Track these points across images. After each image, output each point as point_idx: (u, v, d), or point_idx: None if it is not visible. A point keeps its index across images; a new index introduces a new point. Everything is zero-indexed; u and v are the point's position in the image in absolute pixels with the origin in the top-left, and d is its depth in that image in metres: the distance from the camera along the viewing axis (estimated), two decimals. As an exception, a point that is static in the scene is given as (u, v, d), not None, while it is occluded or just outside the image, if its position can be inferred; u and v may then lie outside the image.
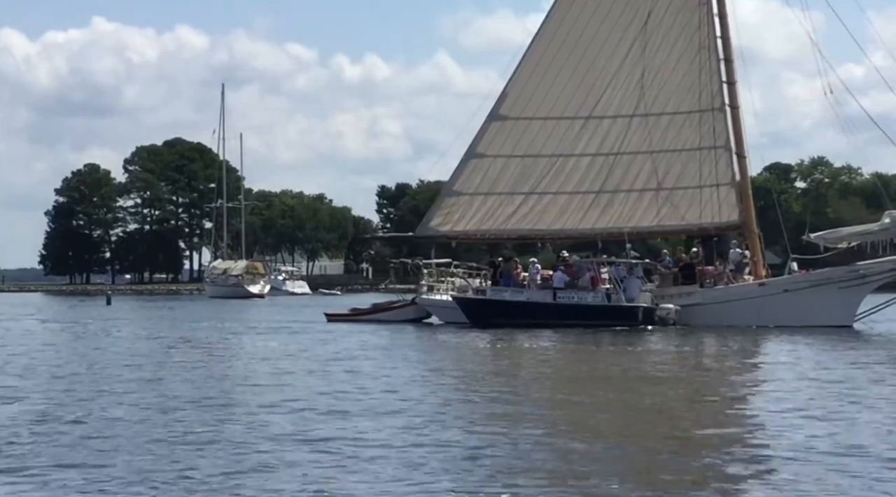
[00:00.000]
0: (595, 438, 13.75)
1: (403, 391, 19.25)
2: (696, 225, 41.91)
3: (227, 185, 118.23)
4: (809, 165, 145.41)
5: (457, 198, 43.87)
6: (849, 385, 19.81)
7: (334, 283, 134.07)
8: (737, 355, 28.87)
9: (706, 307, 39.44)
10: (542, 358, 28.06)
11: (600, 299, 39.76)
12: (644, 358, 28.03)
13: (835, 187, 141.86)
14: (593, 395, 19.49)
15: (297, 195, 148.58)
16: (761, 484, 11.06)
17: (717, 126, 41.78)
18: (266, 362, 25.94)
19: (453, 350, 31.47)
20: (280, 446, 13.16)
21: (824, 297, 38.91)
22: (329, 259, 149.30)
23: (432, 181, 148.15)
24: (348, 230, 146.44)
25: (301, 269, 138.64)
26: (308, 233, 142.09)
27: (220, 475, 11.41)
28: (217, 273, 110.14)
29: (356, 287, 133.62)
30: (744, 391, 19.90)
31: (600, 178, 42.86)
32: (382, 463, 12.09)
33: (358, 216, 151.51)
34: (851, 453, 12.36)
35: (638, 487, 10.83)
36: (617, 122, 42.72)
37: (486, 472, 11.54)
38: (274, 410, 16.41)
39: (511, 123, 43.47)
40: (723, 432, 14.60)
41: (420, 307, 43.67)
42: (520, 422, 15.29)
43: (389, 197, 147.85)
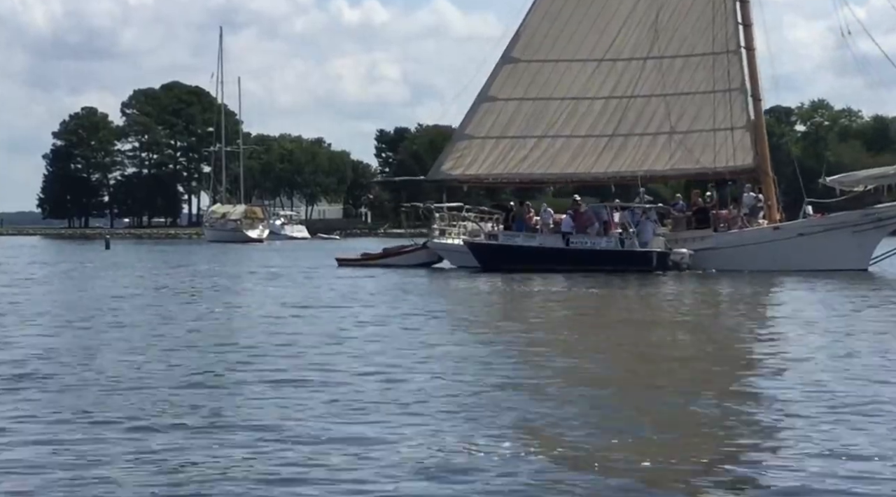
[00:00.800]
0: (605, 385, 13.52)
1: (407, 333, 19.12)
2: (711, 169, 41.58)
3: (225, 129, 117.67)
4: (810, 109, 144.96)
5: (468, 141, 43.49)
6: (861, 332, 19.50)
7: (333, 227, 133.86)
8: (750, 300, 28.70)
9: (720, 251, 39.24)
10: (552, 302, 27.86)
11: (613, 244, 39.54)
12: (657, 303, 27.91)
13: (835, 131, 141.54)
14: (605, 339, 19.33)
15: (296, 139, 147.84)
16: (767, 428, 10.93)
17: (731, 68, 41.35)
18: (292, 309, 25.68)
19: (466, 295, 31.30)
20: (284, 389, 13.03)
21: (839, 240, 38.74)
22: (328, 203, 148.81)
23: (431, 125, 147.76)
24: (347, 175, 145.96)
25: (300, 214, 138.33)
26: (307, 177, 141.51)
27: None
28: (216, 217, 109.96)
29: (355, 231, 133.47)
30: (753, 336, 19.59)
31: (613, 121, 42.48)
32: (384, 405, 11.92)
33: (357, 160, 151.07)
34: (861, 402, 12.11)
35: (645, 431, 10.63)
36: (631, 64, 42.28)
37: (492, 419, 11.23)
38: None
39: (523, 66, 43.01)
40: (733, 377, 14.47)
41: (431, 251, 43.45)
42: (526, 365, 15.19)
43: (388, 141, 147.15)
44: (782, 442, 10.21)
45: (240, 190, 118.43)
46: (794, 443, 10.09)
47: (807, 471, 9.00)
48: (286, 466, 9.12)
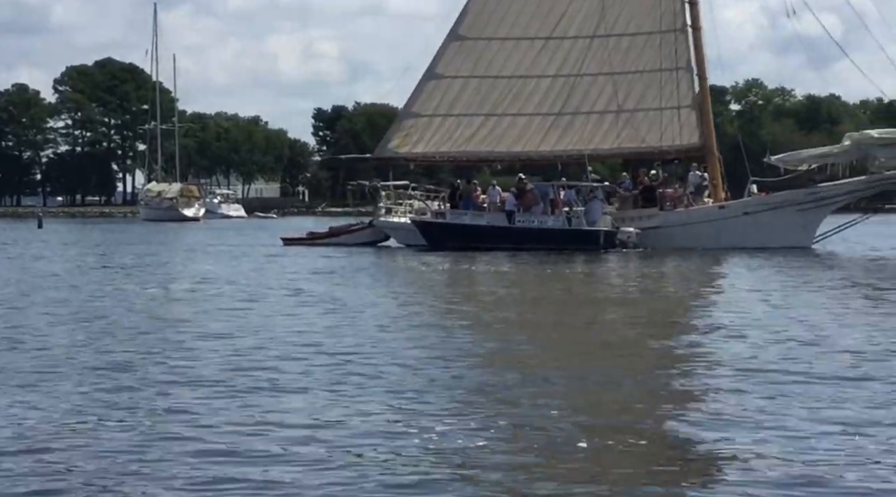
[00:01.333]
0: (548, 362, 13.54)
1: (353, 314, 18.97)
2: (657, 147, 41.72)
3: (160, 106, 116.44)
4: (744, 88, 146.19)
5: (415, 120, 43.28)
6: (800, 307, 19.78)
7: (270, 206, 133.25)
8: (696, 278, 28.90)
9: (666, 230, 39.44)
10: (498, 281, 27.86)
11: (561, 223, 39.58)
12: (602, 281, 28.07)
13: (768, 110, 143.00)
14: (550, 317, 19.39)
15: (232, 117, 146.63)
16: (707, 402, 11.06)
17: (678, 47, 41.48)
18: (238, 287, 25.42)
19: (414, 273, 31.18)
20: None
21: (783, 219, 39.11)
22: (265, 182, 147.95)
23: (369, 103, 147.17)
24: (284, 153, 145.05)
25: (236, 193, 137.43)
26: (243, 155, 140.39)
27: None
28: (151, 196, 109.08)
29: (292, 210, 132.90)
30: (697, 313, 19.81)
31: (560, 100, 42.46)
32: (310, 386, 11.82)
33: (294, 139, 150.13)
34: (796, 371, 12.47)
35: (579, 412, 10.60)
36: (577, 43, 42.26)
37: (432, 396, 11.20)
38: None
39: (470, 44, 42.85)
40: (674, 350, 14.70)
41: (378, 230, 43.26)
42: (469, 342, 15.20)
43: (326, 120, 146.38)
44: (713, 413, 10.27)
45: (175, 168, 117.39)
46: (722, 413, 10.20)
47: (736, 442, 9.06)
48: (215, 456, 8.87)
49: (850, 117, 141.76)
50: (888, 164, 38.36)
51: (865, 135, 39.31)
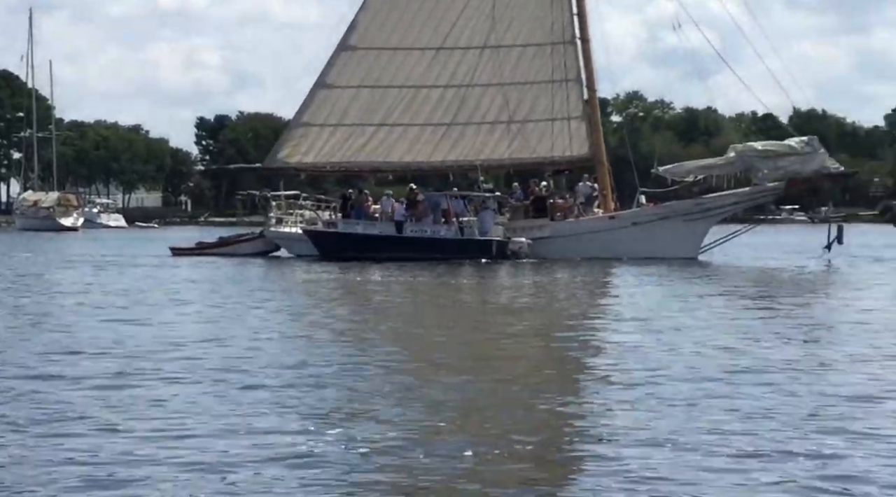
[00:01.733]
0: (436, 371, 13.62)
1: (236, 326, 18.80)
2: (548, 158, 42.09)
3: (36, 114, 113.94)
4: (625, 100, 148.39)
5: (305, 129, 43.01)
6: (684, 317, 20.09)
7: (152, 215, 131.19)
8: (585, 288, 29.21)
9: (557, 240, 39.78)
10: (390, 291, 27.82)
11: (454, 233, 39.67)
12: (494, 290, 28.23)
13: (648, 121, 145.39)
14: (437, 327, 19.38)
15: (112, 126, 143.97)
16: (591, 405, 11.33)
17: (567, 59, 41.90)
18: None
19: (304, 283, 30.95)
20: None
21: (671, 229, 39.72)
22: (146, 192, 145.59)
23: (252, 113, 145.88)
24: (166, 162, 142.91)
25: (116, 202, 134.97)
26: (123, 164, 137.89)
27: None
28: (27, 205, 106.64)
29: (174, 220, 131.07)
30: (585, 324, 19.86)
31: (451, 110, 42.58)
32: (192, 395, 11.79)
33: (176, 148, 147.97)
34: (679, 377, 12.80)
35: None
36: (468, 53, 42.43)
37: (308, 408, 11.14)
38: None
39: (361, 53, 42.74)
40: (553, 361, 14.95)
41: (268, 240, 42.86)
42: (354, 352, 15.21)
43: (209, 129, 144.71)
44: (593, 425, 10.33)
45: (53, 177, 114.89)
46: (609, 425, 10.26)
47: (622, 457, 9.03)
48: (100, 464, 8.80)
49: (726, 130, 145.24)
50: (771, 175, 39.22)
51: (749, 147, 40.18)
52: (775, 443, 9.44)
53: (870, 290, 27.39)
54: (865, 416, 10.73)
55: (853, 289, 27.83)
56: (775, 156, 39.02)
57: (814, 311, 22.41)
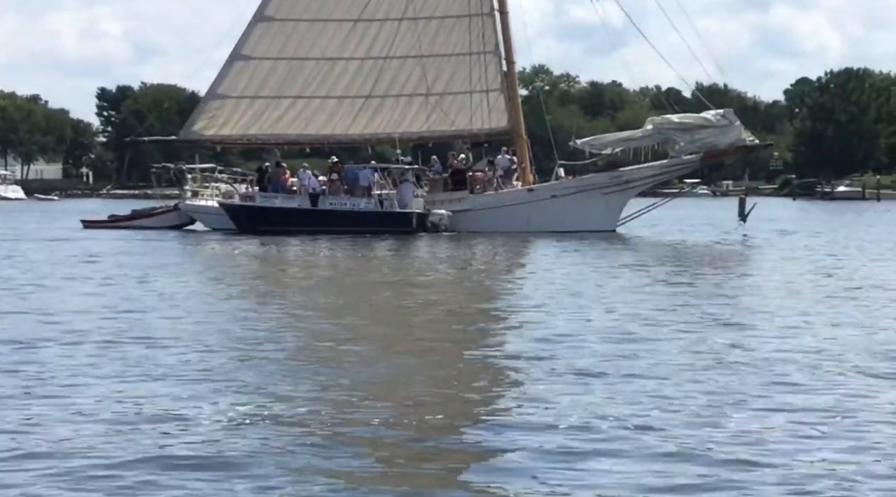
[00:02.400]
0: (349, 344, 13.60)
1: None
2: (467, 131, 41.98)
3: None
4: (531, 73, 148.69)
5: (221, 101, 42.37)
6: (597, 289, 20.44)
7: (52, 187, 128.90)
8: (503, 262, 29.21)
9: (476, 213, 39.74)
10: (306, 264, 27.69)
11: (373, 206, 39.45)
12: (411, 264, 28.03)
13: (555, 95, 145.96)
14: (359, 300, 19.27)
15: (9, 96, 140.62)
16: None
17: (485, 31, 41.76)
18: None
19: (220, 258, 30.51)
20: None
21: (589, 202, 39.88)
22: (45, 163, 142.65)
23: (155, 84, 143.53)
24: (66, 133, 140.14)
25: (15, 174, 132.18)
26: (22, 135, 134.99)
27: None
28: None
29: (75, 192, 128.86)
30: (501, 299, 19.85)
31: (369, 82, 42.23)
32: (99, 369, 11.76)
33: (77, 119, 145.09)
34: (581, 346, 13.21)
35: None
36: (386, 25, 42.09)
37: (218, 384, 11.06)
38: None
39: (278, 25, 42.20)
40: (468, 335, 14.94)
41: (183, 213, 42.24)
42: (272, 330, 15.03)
43: (110, 99, 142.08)
44: (502, 408, 10.20)
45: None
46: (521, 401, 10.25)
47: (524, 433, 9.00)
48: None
49: (630, 104, 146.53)
50: (688, 148, 39.56)
51: (666, 120, 40.42)
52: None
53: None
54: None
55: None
56: (692, 128, 39.33)
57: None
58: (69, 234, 40.29)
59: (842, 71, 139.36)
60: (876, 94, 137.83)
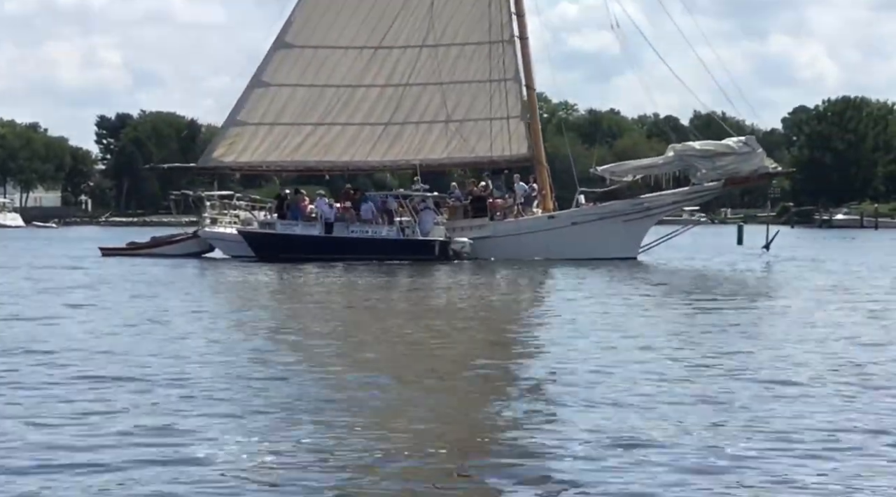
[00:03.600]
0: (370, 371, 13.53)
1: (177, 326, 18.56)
2: (487, 158, 41.89)
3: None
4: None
5: (241, 128, 42.27)
6: (620, 316, 20.22)
7: (51, 215, 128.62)
8: (526, 290, 29.03)
9: (497, 240, 39.64)
10: (332, 292, 27.40)
11: (395, 233, 39.30)
12: (436, 292, 27.78)
13: (553, 123, 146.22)
14: (378, 329, 18.94)
15: (9, 124, 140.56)
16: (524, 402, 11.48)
17: (506, 58, 41.76)
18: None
19: (243, 285, 30.25)
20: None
21: (610, 229, 39.79)
22: (45, 191, 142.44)
23: (154, 112, 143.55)
24: (65, 161, 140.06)
25: (14, 201, 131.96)
26: (21, 163, 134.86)
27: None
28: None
29: (74, 220, 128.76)
30: (533, 328, 19.71)
31: (389, 109, 42.18)
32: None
33: (76, 147, 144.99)
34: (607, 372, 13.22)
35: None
36: (406, 52, 42.07)
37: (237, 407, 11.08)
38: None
39: (297, 52, 42.14)
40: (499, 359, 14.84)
41: (202, 240, 42.03)
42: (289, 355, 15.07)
43: (109, 127, 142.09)
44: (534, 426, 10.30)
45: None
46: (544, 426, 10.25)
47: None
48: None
49: (629, 132, 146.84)
50: (709, 175, 39.52)
51: (688, 147, 40.37)
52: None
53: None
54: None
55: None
56: (714, 155, 39.30)
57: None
58: (90, 261, 39.98)
59: (839, 99, 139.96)
60: (873, 123, 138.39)
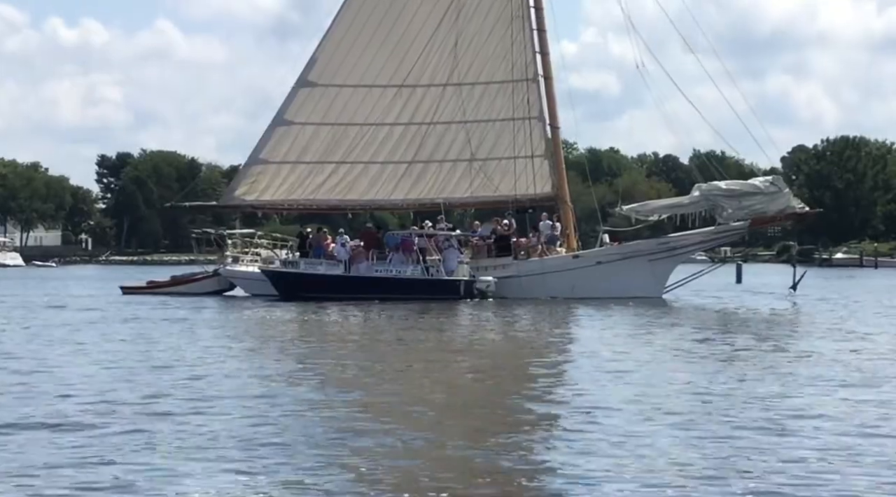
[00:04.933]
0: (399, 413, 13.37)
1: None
2: (510, 196, 41.67)
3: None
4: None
5: (263, 166, 42.09)
6: (644, 358, 19.85)
7: (51, 254, 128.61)
8: (556, 329, 28.59)
9: (522, 279, 39.41)
10: (362, 333, 27.00)
11: (420, 272, 39.03)
12: (461, 331, 27.42)
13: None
14: (406, 369, 18.69)
15: (10, 163, 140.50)
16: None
17: (530, 96, 41.68)
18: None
19: (266, 325, 29.89)
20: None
21: (635, 268, 39.54)
22: (45, 230, 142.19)
23: (155, 150, 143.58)
24: (66, 200, 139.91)
25: (14, 240, 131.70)
26: (22, 203, 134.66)
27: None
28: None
29: (74, 259, 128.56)
30: (560, 367, 19.26)
31: (413, 147, 42.06)
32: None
33: (76, 186, 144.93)
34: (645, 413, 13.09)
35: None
36: (430, 91, 41.97)
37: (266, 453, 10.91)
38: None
39: (321, 90, 42.03)
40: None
41: (223, 279, 41.75)
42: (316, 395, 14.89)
43: (110, 166, 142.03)
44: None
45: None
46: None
47: None
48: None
49: (628, 170, 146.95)
50: (735, 214, 39.35)
51: (714, 186, 40.21)
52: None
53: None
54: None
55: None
56: (740, 195, 39.15)
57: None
58: (113, 300, 39.62)
59: (838, 139, 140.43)
60: (872, 163, 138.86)
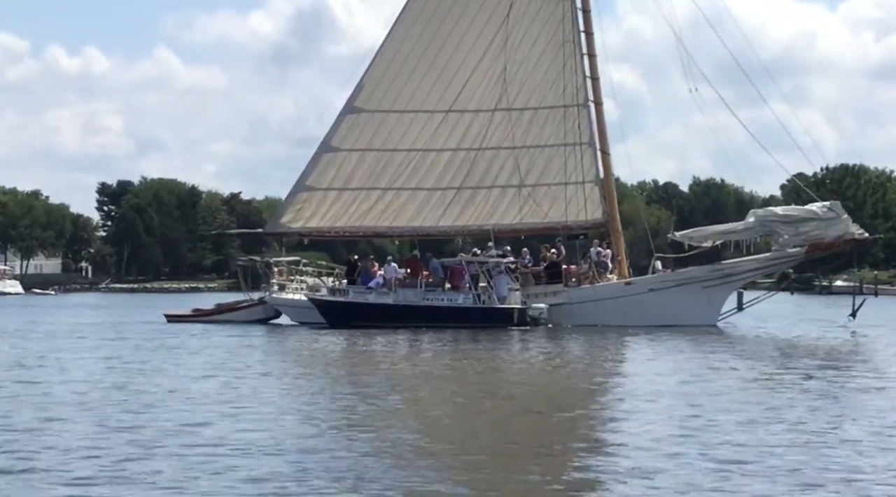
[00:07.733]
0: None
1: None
2: (560, 223, 41.06)
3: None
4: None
5: (309, 193, 41.47)
6: (703, 388, 19.38)
7: (51, 282, 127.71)
8: (607, 357, 28.11)
9: (573, 306, 38.80)
10: (418, 361, 26.18)
11: (471, 300, 38.36)
12: (510, 361, 26.71)
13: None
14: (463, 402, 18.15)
15: (10, 192, 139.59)
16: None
17: (580, 122, 41.15)
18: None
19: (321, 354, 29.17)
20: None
21: (689, 296, 38.95)
22: (45, 258, 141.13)
23: (155, 178, 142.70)
24: (66, 228, 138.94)
25: (14, 268, 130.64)
26: (22, 231, 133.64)
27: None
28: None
29: (74, 286, 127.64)
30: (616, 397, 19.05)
31: (461, 174, 41.48)
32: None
33: (76, 214, 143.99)
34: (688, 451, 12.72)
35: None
36: (478, 116, 41.44)
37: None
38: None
39: (367, 116, 41.47)
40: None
41: (269, 307, 41.06)
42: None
43: (111, 194, 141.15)
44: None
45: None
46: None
47: None
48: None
49: (628, 198, 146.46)
50: (792, 240, 38.82)
51: (770, 212, 39.76)
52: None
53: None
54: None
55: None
56: (796, 221, 38.62)
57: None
58: (162, 328, 38.86)
59: (838, 167, 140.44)
60: (872, 190, 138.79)
